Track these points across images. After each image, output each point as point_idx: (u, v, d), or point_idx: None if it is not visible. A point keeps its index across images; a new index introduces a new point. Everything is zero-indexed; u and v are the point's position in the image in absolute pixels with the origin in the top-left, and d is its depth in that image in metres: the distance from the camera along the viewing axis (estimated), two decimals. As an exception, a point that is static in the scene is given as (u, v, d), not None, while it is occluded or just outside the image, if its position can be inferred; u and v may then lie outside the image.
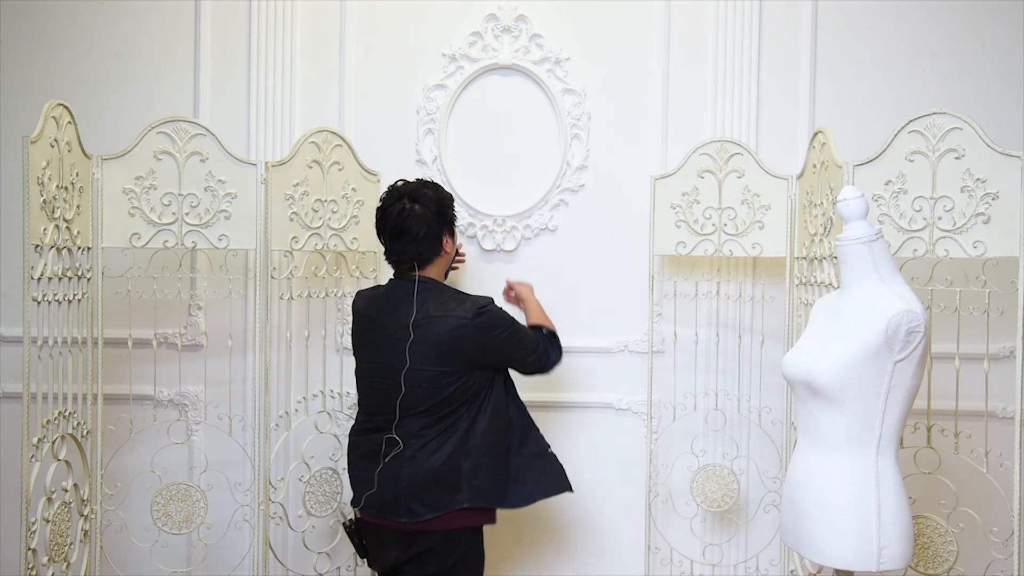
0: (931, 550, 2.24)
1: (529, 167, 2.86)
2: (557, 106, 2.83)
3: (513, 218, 2.85)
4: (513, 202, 2.85)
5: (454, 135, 2.86)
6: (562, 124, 2.84)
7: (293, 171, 2.44)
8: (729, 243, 2.63)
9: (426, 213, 2.18)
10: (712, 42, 2.83)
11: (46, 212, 2.11)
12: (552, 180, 2.85)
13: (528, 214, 2.85)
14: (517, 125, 2.86)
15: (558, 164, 2.85)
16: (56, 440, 2.20)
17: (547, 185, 2.85)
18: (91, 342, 2.37)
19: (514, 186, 2.86)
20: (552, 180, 2.85)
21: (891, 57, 2.80)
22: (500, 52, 2.82)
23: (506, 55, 2.81)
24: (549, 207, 2.86)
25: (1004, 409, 2.44)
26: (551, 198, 2.86)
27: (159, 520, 2.47)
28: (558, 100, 2.82)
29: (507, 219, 2.85)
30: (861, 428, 1.80)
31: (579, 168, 2.84)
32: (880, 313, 1.77)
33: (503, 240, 2.85)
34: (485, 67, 2.82)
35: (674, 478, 2.79)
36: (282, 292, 2.53)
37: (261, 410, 2.44)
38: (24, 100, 2.77)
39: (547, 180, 2.86)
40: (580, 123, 2.83)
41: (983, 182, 2.11)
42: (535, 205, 2.85)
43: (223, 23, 2.83)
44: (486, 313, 2.14)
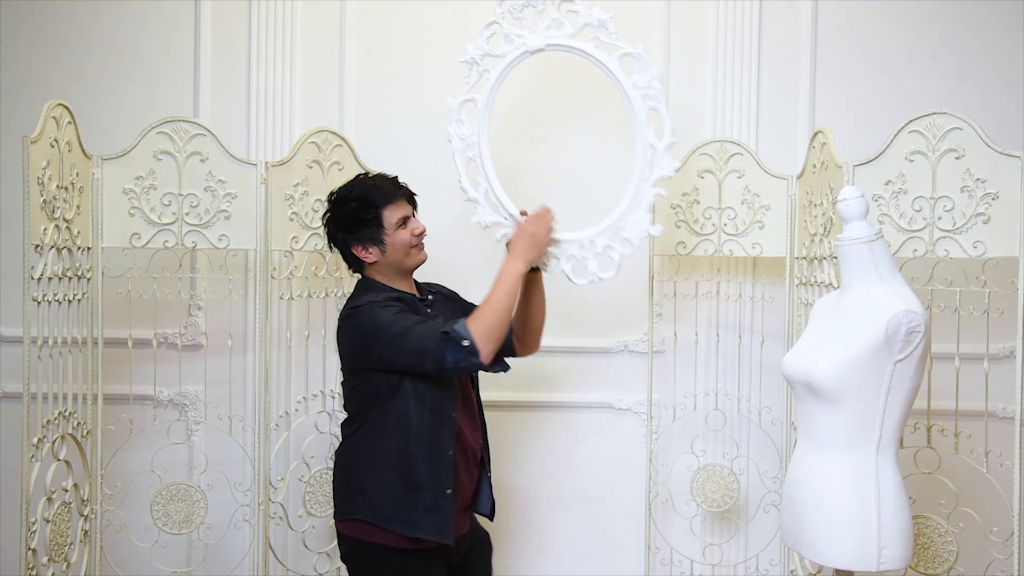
0: (931, 550, 2.24)
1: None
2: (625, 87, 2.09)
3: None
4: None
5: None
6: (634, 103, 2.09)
7: (293, 171, 2.44)
8: (729, 243, 2.63)
9: (328, 225, 2.09)
10: (712, 42, 2.83)
11: (46, 212, 2.11)
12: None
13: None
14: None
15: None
16: (56, 440, 2.20)
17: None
18: (91, 342, 2.38)
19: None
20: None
21: (891, 57, 2.80)
22: (526, 37, 2.14)
23: (537, 39, 2.13)
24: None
25: (1004, 409, 2.44)
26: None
27: (159, 520, 2.47)
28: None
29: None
30: (861, 428, 1.80)
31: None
32: (880, 313, 1.77)
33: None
34: (515, 58, 2.17)
35: (674, 478, 2.79)
36: (282, 292, 2.53)
37: (261, 410, 2.44)
38: (24, 100, 2.77)
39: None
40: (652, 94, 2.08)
41: (983, 182, 2.11)
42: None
43: (223, 23, 2.83)
44: (355, 313, 1.97)
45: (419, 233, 2.06)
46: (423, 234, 2.08)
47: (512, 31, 2.13)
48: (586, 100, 2.82)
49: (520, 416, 2.86)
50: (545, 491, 2.88)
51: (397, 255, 2.04)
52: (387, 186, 2.06)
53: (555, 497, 2.89)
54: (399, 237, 2.03)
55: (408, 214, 2.07)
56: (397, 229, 2.03)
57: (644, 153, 2.05)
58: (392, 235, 2.03)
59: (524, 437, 2.88)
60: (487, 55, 2.17)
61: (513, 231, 2.09)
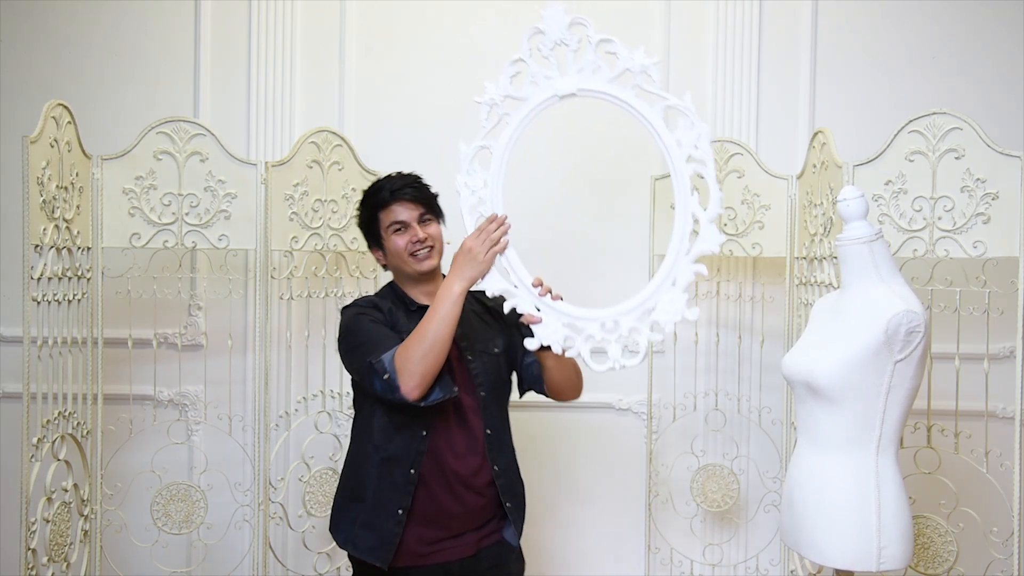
0: (931, 550, 2.24)
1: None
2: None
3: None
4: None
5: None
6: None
7: (293, 171, 2.44)
8: (729, 243, 2.63)
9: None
10: (712, 42, 2.83)
11: (46, 212, 2.11)
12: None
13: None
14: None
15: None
16: (56, 440, 2.20)
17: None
18: (91, 342, 2.37)
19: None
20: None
21: (891, 57, 2.80)
22: (555, 79, 1.84)
23: (568, 82, 1.83)
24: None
25: (1004, 409, 2.44)
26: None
27: (159, 520, 2.47)
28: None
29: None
30: (861, 428, 1.80)
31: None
32: (880, 313, 1.77)
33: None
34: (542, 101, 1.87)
35: (674, 478, 2.79)
36: (282, 292, 2.53)
37: (261, 410, 2.44)
38: (24, 100, 2.77)
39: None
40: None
41: (983, 182, 2.11)
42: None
43: (223, 23, 2.83)
44: (343, 312, 1.93)
45: (416, 240, 1.90)
46: (422, 242, 1.91)
47: (539, 71, 1.84)
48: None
49: (520, 416, 2.84)
50: (545, 491, 2.88)
51: (396, 261, 1.94)
52: (387, 188, 1.94)
53: (555, 497, 2.89)
54: (392, 243, 1.92)
55: (406, 219, 1.91)
56: (392, 234, 1.92)
57: (684, 223, 1.77)
58: (388, 240, 1.94)
59: (524, 437, 2.86)
60: (508, 97, 1.86)
61: (525, 303, 1.83)
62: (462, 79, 2.84)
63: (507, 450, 1.98)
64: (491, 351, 1.95)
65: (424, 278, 1.95)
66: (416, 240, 1.91)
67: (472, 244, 1.81)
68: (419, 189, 1.95)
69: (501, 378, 1.97)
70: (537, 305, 1.82)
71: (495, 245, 1.82)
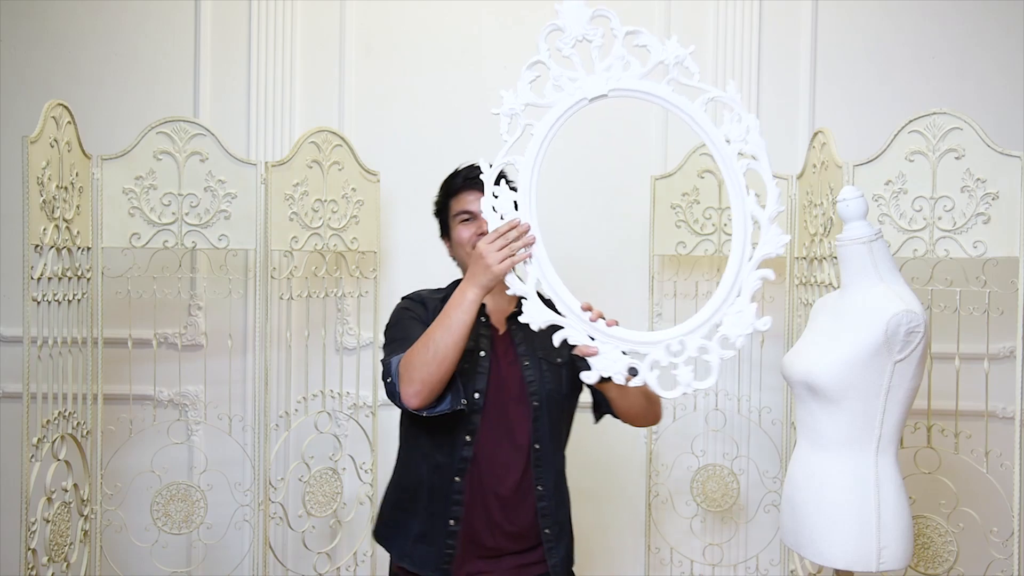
0: (931, 550, 2.24)
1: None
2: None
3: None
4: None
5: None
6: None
7: (293, 171, 2.44)
8: (729, 243, 2.63)
9: None
10: (712, 42, 2.83)
11: (46, 212, 2.11)
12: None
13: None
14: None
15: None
16: (56, 440, 2.20)
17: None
18: (91, 342, 2.37)
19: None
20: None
21: (891, 57, 2.80)
22: (580, 80, 1.66)
23: (597, 82, 1.65)
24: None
25: (1004, 409, 2.44)
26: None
27: (159, 520, 2.47)
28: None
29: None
30: (861, 428, 1.80)
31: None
32: (880, 313, 1.77)
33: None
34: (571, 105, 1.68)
35: (674, 478, 2.79)
36: (282, 292, 2.53)
37: (261, 410, 2.44)
38: (24, 100, 2.77)
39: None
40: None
41: (983, 182, 2.11)
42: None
43: (223, 23, 2.83)
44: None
45: (481, 233, 1.75)
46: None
47: (562, 73, 1.65)
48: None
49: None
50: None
51: (459, 252, 1.84)
52: (463, 174, 1.83)
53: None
54: (457, 233, 1.82)
55: (475, 210, 1.77)
56: (459, 223, 1.81)
57: (743, 226, 1.62)
58: (454, 229, 1.83)
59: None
60: (530, 106, 1.66)
61: (577, 333, 1.63)
62: (463, 79, 2.84)
63: (556, 470, 1.82)
64: (553, 360, 1.82)
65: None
66: (481, 233, 1.75)
67: (484, 248, 1.61)
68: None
69: (560, 391, 1.81)
70: (591, 334, 1.62)
71: (511, 255, 1.61)
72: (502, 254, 1.61)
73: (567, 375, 1.82)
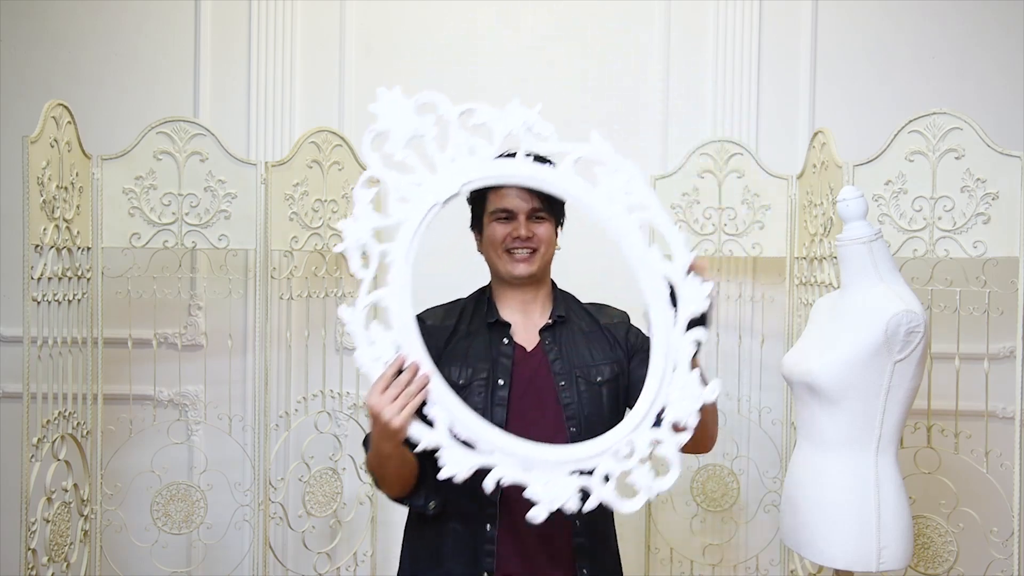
0: (931, 550, 2.24)
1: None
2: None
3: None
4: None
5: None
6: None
7: (293, 171, 2.44)
8: (729, 243, 2.63)
9: None
10: (712, 42, 2.83)
11: (46, 212, 2.11)
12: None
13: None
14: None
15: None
16: (56, 440, 2.20)
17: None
18: (91, 342, 2.38)
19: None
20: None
21: (891, 57, 2.80)
22: (426, 183, 1.46)
23: (444, 181, 1.46)
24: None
25: (1004, 409, 2.44)
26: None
27: (159, 520, 2.47)
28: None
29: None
30: (861, 428, 1.80)
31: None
32: (880, 313, 1.77)
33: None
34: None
35: (674, 478, 2.79)
36: (282, 292, 2.53)
37: (261, 410, 2.44)
38: (24, 100, 2.77)
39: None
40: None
41: (983, 182, 2.11)
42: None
43: (223, 23, 2.83)
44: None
45: (517, 236, 1.57)
46: (523, 240, 1.58)
47: (402, 182, 1.43)
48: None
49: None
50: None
51: (489, 252, 1.62)
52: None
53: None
54: (491, 230, 1.60)
55: (514, 208, 1.57)
56: (493, 220, 1.59)
57: (656, 289, 1.42)
58: (488, 225, 1.61)
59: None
60: (376, 229, 1.41)
61: (507, 467, 1.35)
62: (463, 79, 2.84)
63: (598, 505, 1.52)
64: (592, 379, 1.59)
65: (518, 283, 1.62)
66: (517, 236, 1.58)
67: (374, 403, 1.35)
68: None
69: (601, 414, 1.58)
70: (523, 466, 1.36)
71: (407, 402, 1.35)
72: (397, 405, 1.35)
73: (610, 395, 1.60)
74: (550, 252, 1.64)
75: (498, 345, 1.60)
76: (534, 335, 1.63)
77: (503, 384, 1.57)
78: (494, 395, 1.56)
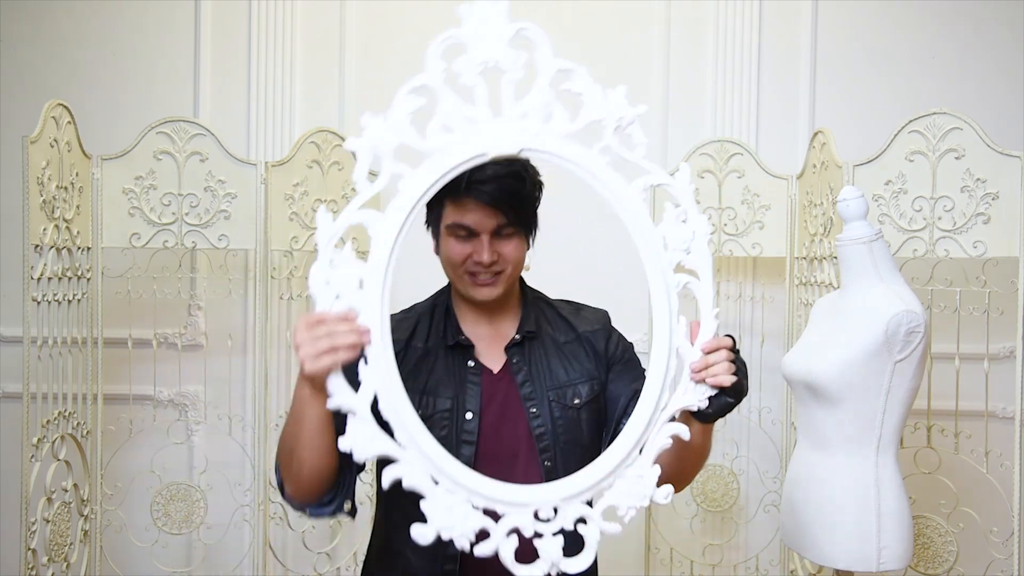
0: (931, 550, 2.24)
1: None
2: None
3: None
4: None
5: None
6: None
7: (293, 171, 2.44)
8: (729, 243, 2.63)
9: None
10: (712, 42, 2.83)
11: (46, 212, 2.11)
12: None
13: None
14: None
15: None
16: (56, 440, 2.20)
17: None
18: (91, 342, 2.37)
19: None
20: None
21: (891, 57, 2.80)
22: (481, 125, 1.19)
23: (505, 133, 1.19)
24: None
25: (1004, 409, 2.44)
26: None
27: (159, 520, 2.47)
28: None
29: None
30: (861, 428, 1.80)
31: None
32: (880, 313, 1.77)
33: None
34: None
35: (674, 478, 2.79)
36: (282, 292, 2.53)
37: (261, 410, 2.44)
38: (24, 100, 2.77)
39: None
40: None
41: (983, 182, 2.11)
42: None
43: (223, 23, 2.83)
44: None
45: (478, 261, 1.35)
46: (485, 266, 1.35)
47: (455, 110, 1.17)
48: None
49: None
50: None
51: (446, 269, 1.41)
52: (468, 176, 1.27)
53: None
54: (448, 247, 1.37)
55: (474, 226, 1.34)
56: (448, 236, 1.37)
57: (663, 363, 1.21)
58: (444, 239, 1.38)
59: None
60: (404, 147, 1.16)
61: (414, 472, 1.13)
62: (463, 79, 2.83)
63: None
64: (568, 401, 1.40)
65: (481, 303, 1.41)
66: (478, 260, 1.35)
67: (300, 336, 1.13)
68: (509, 191, 1.33)
69: (579, 440, 1.39)
70: (435, 476, 1.13)
71: (333, 351, 1.11)
72: (319, 347, 1.12)
73: (588, 419, 1.41)
74: (518, 270, 1.41)
75: (462, 368, 1.39)
76: (500, 354, 1.42)
77: (471, 419, 1.36)
78: (461, 430, 1.36)
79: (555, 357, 1.43)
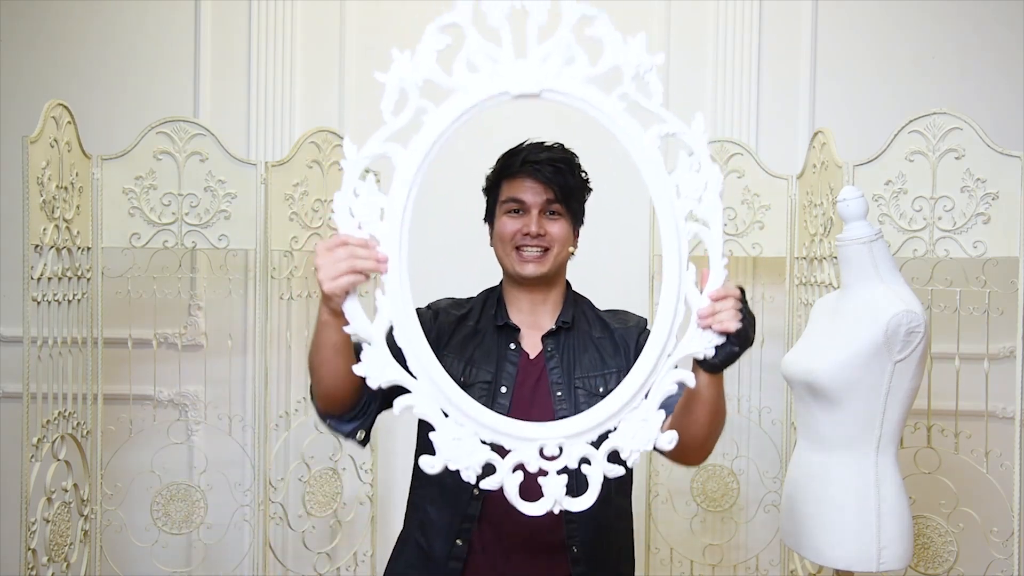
0: (931, 550, 2.24)
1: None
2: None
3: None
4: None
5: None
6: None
7: (293, 171, 2.44)
8: (729, 243, 2.63)
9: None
10: (712, 42, 2.83)
11: (46, 212, 2.11)
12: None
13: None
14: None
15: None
16: (56, 440, 2.20)
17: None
18: (91, 342, 2.37)
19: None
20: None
21: (891, 57, 2.80)
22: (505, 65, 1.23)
23: (527, 73, 1.24)
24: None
25: (1004, 409, 2.44)
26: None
27: (159, 520, 2.47)
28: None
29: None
30: (861, 428, 1.80)
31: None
32: (880, 313, 1.77)
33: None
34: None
35: (674, 478, 2.79)
36: (282, 292, 2.53)
37: (261, 410, 2.44)
38: (24, 100, 2.77)
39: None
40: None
41: (983, 182, 2.11)
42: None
43: (223, 23, 2.83)
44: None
45: (527, 233, 1.47)
46: (533, 237, 1.48)
47: (481, 49, 1.20)
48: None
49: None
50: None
51: (497, 247, 1.53)
52: (524, 154, 1.49)
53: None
54: (500, 225, 1.50)
55: (528, 200, 1.47)
56: (503, 213, 1.50)
57: (671, 309, 1.28)
58: (499, 218, 1.51)
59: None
60: (430, 83, 1.19)
61: (425, 403, 1.19)
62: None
63: (598, 525, 1.45)
64: (594, 389, 1.48)
65: (528, 284, 1.51)
66: (527, 232, 1.47)
67: (319, 261, 1.20)
68: (561, 170, 1.47)
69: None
70: (444, 408, 1.19)
71: (352, 272, 1.18)
72: (339, 268, 1.18)
73: None
74: (564, 253, 1.51)
75: (504, 349, 1.51)
76: (537, 341, 1.53)
77: (505, 392, 1.47)
78: (495, 401, 1.45)
79: (587, 349, 1.52)
